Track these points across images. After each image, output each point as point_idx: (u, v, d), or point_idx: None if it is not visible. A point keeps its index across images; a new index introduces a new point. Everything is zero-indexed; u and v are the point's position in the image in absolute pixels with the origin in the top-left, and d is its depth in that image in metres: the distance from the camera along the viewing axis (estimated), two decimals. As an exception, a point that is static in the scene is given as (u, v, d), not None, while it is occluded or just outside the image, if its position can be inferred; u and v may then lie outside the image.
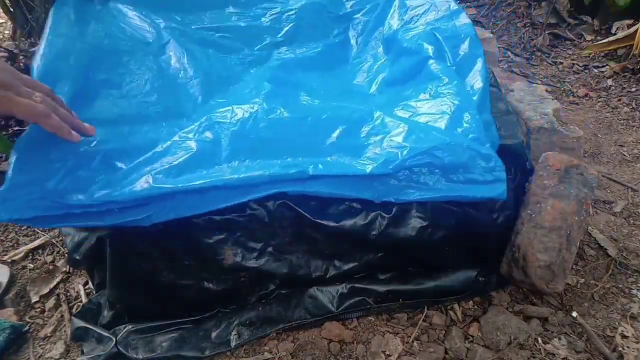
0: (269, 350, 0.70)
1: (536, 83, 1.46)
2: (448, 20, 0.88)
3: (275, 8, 1.07)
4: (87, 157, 0.61)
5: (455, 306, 0.76)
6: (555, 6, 1.72)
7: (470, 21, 0.87)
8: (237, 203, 0.61)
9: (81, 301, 0.80)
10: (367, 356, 0.69)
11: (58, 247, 0.91)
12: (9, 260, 0.89)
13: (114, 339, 0.68)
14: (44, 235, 0.94)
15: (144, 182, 0.57)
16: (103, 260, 0.65)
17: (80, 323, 0.71)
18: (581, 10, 1.72)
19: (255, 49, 1.01)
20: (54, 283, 0.84)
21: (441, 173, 0.66)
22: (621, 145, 1.18)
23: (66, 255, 0.82)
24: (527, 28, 1.75)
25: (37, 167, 0.57)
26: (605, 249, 0.85)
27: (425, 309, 0.75)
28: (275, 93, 0.79)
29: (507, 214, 0.73)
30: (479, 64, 0.80)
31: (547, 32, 1.71)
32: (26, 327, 0.77)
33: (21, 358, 0.73)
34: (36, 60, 0.67)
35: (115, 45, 0.79)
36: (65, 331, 0.76)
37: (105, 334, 0.69)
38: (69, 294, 0.82)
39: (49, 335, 0.76)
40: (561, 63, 1.60)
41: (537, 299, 0.77)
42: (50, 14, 0.75)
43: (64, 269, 0.86)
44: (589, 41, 1.67)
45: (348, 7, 1.11)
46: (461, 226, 0.70)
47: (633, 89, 1.40)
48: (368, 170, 0.61)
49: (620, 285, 0.79)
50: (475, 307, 0.77)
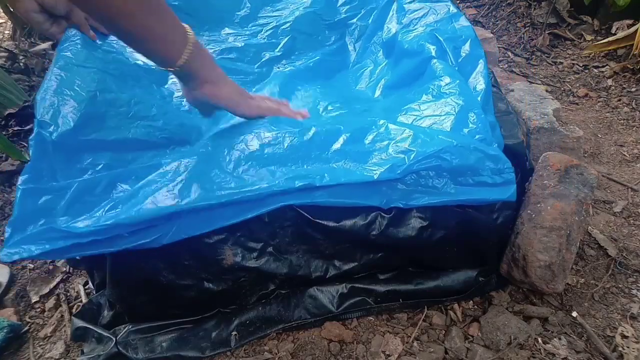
0: (269, 350, 0.70)
1: (536, 83, 1.46)
2: (448, 23, 0.88)
3: (271, 23, 1.08)
4: (92, 183, 0.61)
5: (455, 306, 0.76)
6: (555, 6, 1.72)
7: (469, 24, 0.87)
8: (246, 219, 0.61)
9: (81, 301, 0.80)
10: (367, 356, 0.69)
11: (58, 247, 0.91)
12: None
13: (114, 339, 0.68)
14: (44, 235, 0.94)
15: (149, 204, 0.57)
16: (103, 260, 0.65)
17: (80, 323, 0.71)
18: (581, 10, 1.72)
19: (255, 67, 1.02)
20: (54, 283, 0.84)
21: (449, 176, 0.65)
22: (621, 145, 1.18)
23: (66, 255, 0.82)
24: (527, 28, 1.75)
25: (43, 196, 0.58)
26: (605, 249, 0.85)
27: (425, 309, 0.75)
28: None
29: (507, 214, 0.73)
30: (481, 66, 0.80)
31: (547, 32, 1.71)
32: (25, 327, 0.77)
33: (21, 358, 0.73)
34: (42, 87, 0.67)
35: (120, 70, 0.78)
36: (65, 331, 0.76)
37: (105, 334, 0.69)
38: (69, 294, 0.82)
39: (49, 335, 0.76)
40: (561, 63, 1.60)
41: (537, 299, 0.77)
42: (57, 50, 0.75)
43: (64, 269, 0.86)
44: (589, 41, 1.67)
45: (343, 12, 1.11)
46: (461, 226, 0.69)
47: (633, 89, 1.40)
48: (376, 176, 0.60)
49: (620, 285, 0.79)
50: (475, 307, 0.77)
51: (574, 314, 0.74)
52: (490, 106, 0.77)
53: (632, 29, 1.46)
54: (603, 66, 1.54)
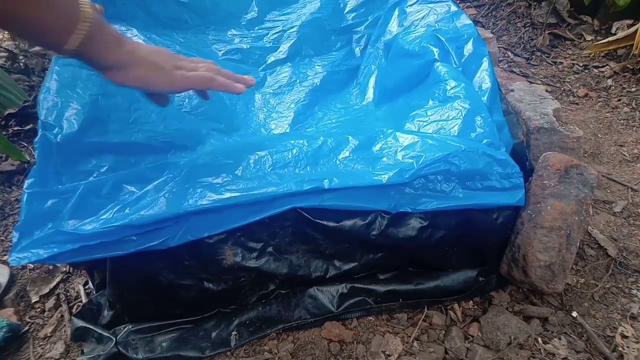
0: (269, 350, 0.70)
1: (536, 83, 1.46)
2: (449, 22, 0.88)
3: (277, 27, 1.08)
4: (98, 184, 0.61)
5: (455, 306, 0.76)
6: (555, 6, 1.72)
7: (471, 22, 0.87)
8: (253, 221, 0.61)
9: (81, 301, 0.80)
10: (367, 356, 0.69)
11: (58, 247, 0.91)
12: (9, 260, 0.89)
13: (114, 339, 0.68)
14: (44, 235, 0.94)
15: (158, 205, 0.57)
16: (103, 261, 0.65)
17: (80, 323, 0.71)
18: (581, 10, 1.72)
19: (260, 69, 1.01)
20: (54, 283, 0.84)
21: (458, 180, 0.65)
22: (621, 145, 1.18)
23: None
24: (527, 28, 1.75)
25: (49, 199, 0.58)
26: (605, 249, 0.85)
27: (425, 309, 0.75)
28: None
29: (507, 214, 0.73)
30: (485, 64, 0.80)
31: (547, 32, 1.71)
32: (25, 327, 0.77)
33: (21, 358, 0.73)
34: (43, 87, 0.67)
35: None
36: (65, 331, 0.76)
37: (105, 334, 0.69)
38: (69, 294, 0.82)
39: (49, 335, 0.76)
40: (561, 63, 1.60)
41: (537, 299, 0.77)
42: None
43: (64, 269, 0.86)
44: (589, 41, 1.67)
45: (349, 19, 1.11)
46: (461, 226, 0.69)
47: (633, 89, 1.40)
48: (384, 180, 0.60)
49: (620, 285, 0.79)
50: (475, 307, 0.77)
51: (574, 314, 0.74)
52: (498, 104, 0.77)
53: (632, 29, 1.46)
54: (603, 66, 1.54)
